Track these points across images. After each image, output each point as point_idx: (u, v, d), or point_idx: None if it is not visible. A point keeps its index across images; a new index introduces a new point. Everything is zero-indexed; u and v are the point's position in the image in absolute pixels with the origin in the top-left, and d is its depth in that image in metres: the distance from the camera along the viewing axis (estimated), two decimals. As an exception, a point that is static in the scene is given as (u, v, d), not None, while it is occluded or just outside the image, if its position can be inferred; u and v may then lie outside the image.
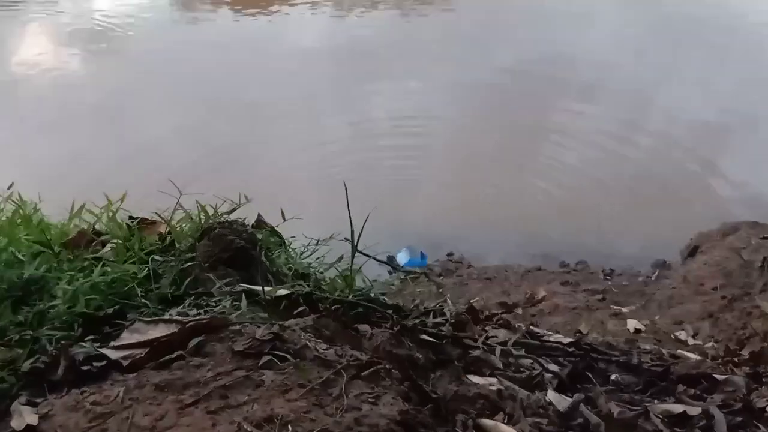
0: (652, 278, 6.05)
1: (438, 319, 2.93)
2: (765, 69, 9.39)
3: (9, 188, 3.30)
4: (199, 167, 6.93)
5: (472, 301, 5.01)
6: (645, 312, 4.88)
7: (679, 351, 3.73)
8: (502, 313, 3.84)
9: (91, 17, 10.96)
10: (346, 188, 2.83)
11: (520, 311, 4.92)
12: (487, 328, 3.13)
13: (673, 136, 8.12)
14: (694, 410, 2.58)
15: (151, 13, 11.10)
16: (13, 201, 3.23)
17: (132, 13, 11.06)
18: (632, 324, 4.43)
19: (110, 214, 3.07)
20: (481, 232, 6.94)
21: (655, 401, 2.69)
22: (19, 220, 3.10)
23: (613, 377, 2.90)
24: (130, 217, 3.01)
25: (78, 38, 10.34)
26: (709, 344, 4.08)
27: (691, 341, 4.18)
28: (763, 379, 3.38)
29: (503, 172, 7.68)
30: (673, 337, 4.23)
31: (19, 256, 2.63)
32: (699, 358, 3.65)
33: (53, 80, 9.15)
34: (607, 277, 6.19)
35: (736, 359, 3.73)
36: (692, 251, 5.79)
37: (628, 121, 8.52)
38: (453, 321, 2.95)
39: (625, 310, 4.99)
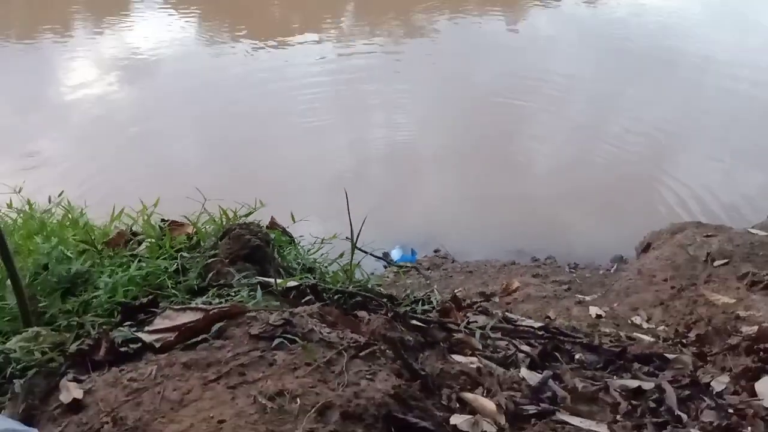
0: (611, 271, 6.03)
1: (426, 307, 2.93)
2: (703, 89, 9.49)
3: (59, 195, 3.30)
4: (221, 177, 6.91)
5: (455, 291, 5.01)
6: (605, 300, 4.87)
7: (634, 334, 3.73)
8: (481, 302, 3.82)
9: (130, 50, 10.96)
10: (346, 194, 2.84)
11: (497, 300, 4.90)
12: (468, 314, 3.12)
13: (628, 147, 8.13)
14: (648, 385, 2.58)
15: (180, 47, 11.11)
16: (62, 206, 3.23)
17: (165, 47, 11.06)
18: (594, 311, 4.42)
19: (145, 217, 3.07)
20: (464, 232, 6.93)
21: (614, 377, 2.69)
22: (68, 223, 3.10)
23: (577, 356, 2.90)
24: (162, 220, 3.01)
25: (118, 67, 10.33)
26: (661, 328, 4.07)
27: (645, 325, 4.16)
28: (708, 358, 3.39)
29: (483, 180, 7.68)
30: (629, 322, 4.21)
31: (68, 253, 2.63)
32: (652, 339, 3.65)
33: (95, 103, 9.13)
34: (572, 270, 6.18)
35: (684, 341, 3.73)
36: (645, 247, 5.78)
37: (590, 131, 8.55)
38: (439, 308, 2.95)
39: (587, 298, 4.98)
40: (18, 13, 13.20)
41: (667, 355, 3.12)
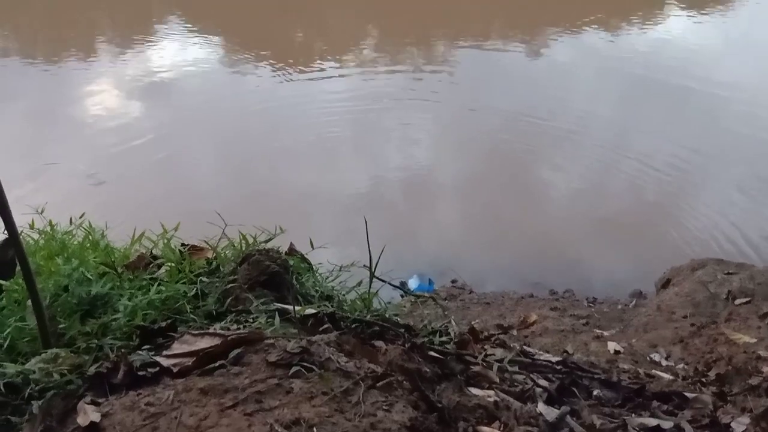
0: (630, 306, 5.99)
1: (443, 338, 2.92)
2: (722, 122, 9.47)
3: (81, 217, 3.35)
4: (241, 201, 6.98)
5: (473, 322, 4.98)
6: (623, 336, 4.83)
7: (653, 371, 3.69)
8: (499, 334, 3.81)
9: (153, 72, 11.13)
10: (366, 223, 2.86)
11: (514, 332, 4.88)
12: (486, 346, 3.12)
13: (648, 179, 8.12)
14: (667, 424, 2.55)
15: (203, 71, 11.26)
16: (83, 228, 3.27)
17: (188, 70, 11.23)
18: (612, 346, 4.38)
19: (165, 241, 3.10)
20: (482, 262, 6.93)
21: (633, 415, 2.67)
22: (88, 245, 3.14)
23: (595, 393, 2.87)
24: (183, 244, 3.04)
25: (140, 89, 10.49)
26: (680, 366, 4.03)
27: (664, 363, 4.12)
28: (728, 398, 3.35)
29: (502, 210, 7.69)
30: (648, 358, 4.18)
31: (88, 275, 2.66)
32: (671, 377, 3.61)
33: (117, 126, 9.26)
34: (591, 305, 6.14)
35: (704, 380, 3.69)
36: (665, 283, 5.74)
37: (610, 163, 8.54)
38: (456, 340, 2.94)
39: (606, 333, 4.94)
40: (42, 33, 13.47)
41: (686, 393, 3.09)
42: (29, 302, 2.43)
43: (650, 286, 6.13)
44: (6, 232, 2.40)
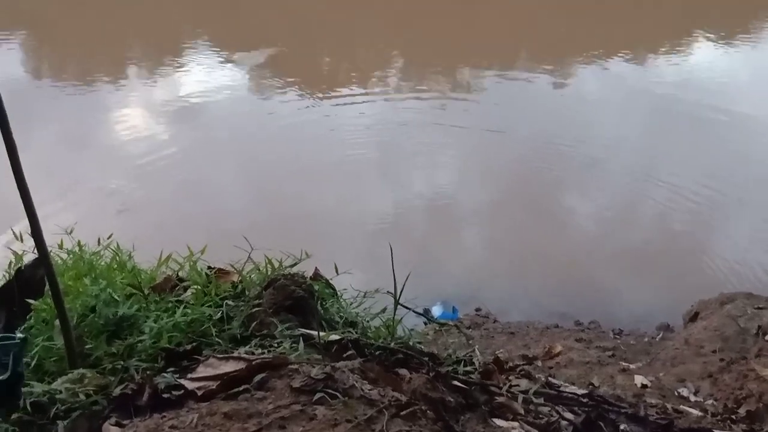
0: (657, 339, 5.90)
1: (468, 368, 2.89)
2: (751, 152, 9.38)
3: (108, 238, 3.39)
4: (267, 225, 7.03)
5: (497, 352, 4.94)
6: (650, 369, 4.76)
7: (681, 406, 3.63)
8: (523, 365, 3.77)
9: (181, 96, 11.30)
10: (391, 249, 2.86)
11: (539, 363, 4.83)
12: (510, 377, 3.08)
13: (676, 210, 8.04)
14: (695, 461, 2.51)
15: (230, 95, 11.41)
16: (111, 249, 3.31)
17: (215, 93, 11.38)
18: (639, 380, 4.33)
19: (191, 263, 3.13)
20: (506, 291, 6.88)
21: (660, 451, 2.62)
22: (115, 266, 3.18)
23: (622, 427, 2.83)
24: (209, 267, 3.06)
25: (168, 112, 10.65)
26: (709, 402, 3.96)
27: (692, 398, 4.06)
28: (758, 436, 3.28)
29: (526, 238, 7.65)
30: (676, 393, 4.11)
31: (115, 296, 2.69)
32: (700, 414, 3.55)
33: (146, 149, 9.39)
34: (617, 336, 6.06)
35: (733, 416, 3.62)
36: (693, 317, 5.66)
37: (636, 192, 8.47)
38: (481, 370, 2.92)
39: (632, 366, 4.88)
40: (74, 57, 13.75)
41: (715, 431, 3.03)
42: (57, 322, 2.47)
43: (677, 319, 6.05)
44: (36, 251, 2.45)
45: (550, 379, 3.35)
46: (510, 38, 14.41)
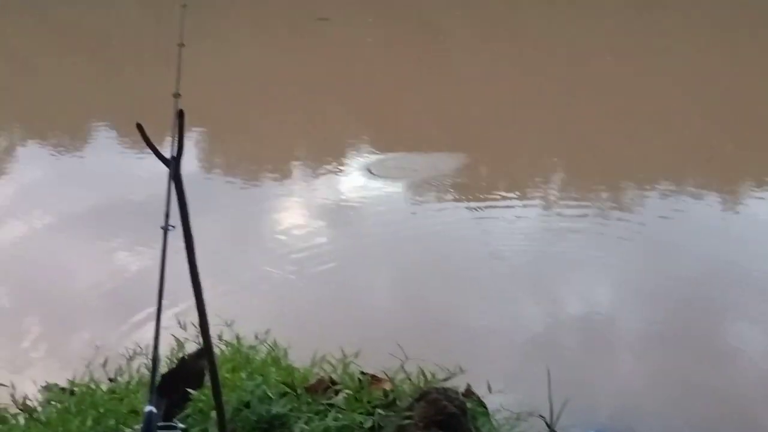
0: None
1: None
2: None
3: (266, 333, 3.49)
4: (415, 333, 6.97)
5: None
6: None
7: None
8: None
9: (340, 199, 11.78)
10: (548, 375, 2.74)
11: None
12: None
13: None
14: None
15: (387, 200, 11.76)
16: (267, 344, 3.40)
17: (372, 198, 11.77)
18: None
19: (344, 366, 3.13)
20: (665, 424, 6.33)
21: None
22: (270, 361, 3.24)
23: None
24: (362, 372, 3.05)
25: (326, 214, 11.09)
26: None
27: None
28: None
29: (690, 370, 7.05)
30: None
31: (269, 393, 2.72)
32: None
33: (303, 247, 9.75)
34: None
35: None
36: None
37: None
38: None
39: None
40: (244, 154, 14.82)
41: None
42: (214, 414, 2.51)
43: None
44: (201, 341, 2.54)
45: None
46: (676, 158, 13.98)
